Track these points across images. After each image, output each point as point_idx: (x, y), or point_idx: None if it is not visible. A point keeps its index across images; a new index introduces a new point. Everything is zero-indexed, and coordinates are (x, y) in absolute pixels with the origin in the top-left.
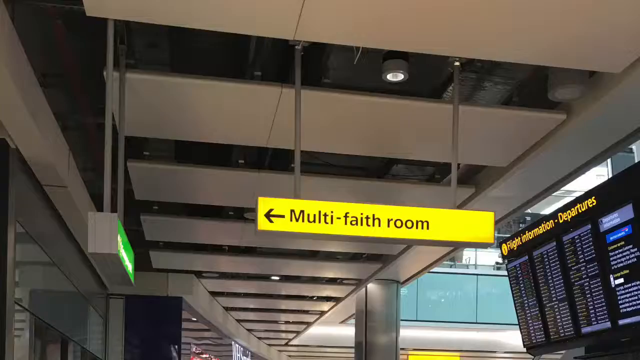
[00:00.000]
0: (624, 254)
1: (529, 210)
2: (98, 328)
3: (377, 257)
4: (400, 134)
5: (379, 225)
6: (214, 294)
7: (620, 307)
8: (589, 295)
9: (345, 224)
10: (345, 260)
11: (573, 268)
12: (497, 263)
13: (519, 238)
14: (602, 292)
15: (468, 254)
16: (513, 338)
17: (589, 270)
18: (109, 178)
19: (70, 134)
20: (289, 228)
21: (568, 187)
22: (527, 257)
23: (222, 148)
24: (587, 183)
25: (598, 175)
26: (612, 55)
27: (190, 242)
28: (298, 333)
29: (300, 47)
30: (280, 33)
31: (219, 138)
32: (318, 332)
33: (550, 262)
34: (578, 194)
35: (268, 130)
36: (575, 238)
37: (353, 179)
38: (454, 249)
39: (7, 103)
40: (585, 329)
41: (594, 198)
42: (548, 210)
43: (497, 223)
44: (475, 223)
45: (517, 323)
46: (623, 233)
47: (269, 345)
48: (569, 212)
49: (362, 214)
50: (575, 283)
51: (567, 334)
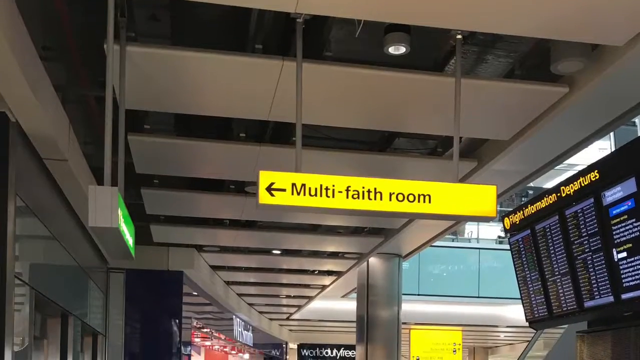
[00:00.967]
0: (627, 228)
1: (532, 184)
2: (98, 302)
3: (378, 231)
4: (402, 108)
5: (381, 199)
6: (215, 268)
7: (623, 281)
8: (592, 269)
9: (347, 198)
10: (347, 234)
11: (576, 242)
12: (499, 237)
13: (522, 212)
14: (604, 266)
15: (470, 228)
16: (515, 312)
17: (592, 244)
18: (110, 151)
19: (71, 107)
20: (290, 202)
21: (571, 160)
22: (529, 231)
23: (223, 121)
24: (589, 156)
25: (601, 149)
26: (614, 28)
27: (191, 215)
28: (299, 307)
29: (302, 19)
30: (282, 6)
31: (220, 111)
32: (319, 306)
33: (553, 236)
34: (581, 168)
35: (269, 104)
36: (578, 212)
37: (355, 153)
38: (456, 223)
39: (6, 76)
40: (588, 303)
41: (597, 172)
42: (550, 184)
43: (499, 197)
44: (478, 197)
45: (519, 297)
46: (626, 207)
47: (270, 320)
48: (572, 185)
49: (363, 188)
50: (578, 257)
51: (569, 308)
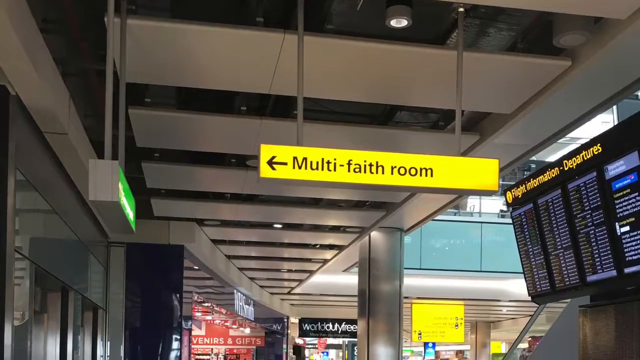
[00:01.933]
0: (630, 202)
1: (534, 158)
2: (99, 276)
3: (380, 204)
4: (404, 81)
5: (383, 173)
6: (216, 242)
7: (626, 255)
8: (595, 243)
9: (349, 172)
10: (349, 208)
11: (578, 216)
12: (501, 211)
13: (524, 186)
14: (607, 240)
15: (472, 202)
16: (517, 286)
17: (595, 218)
18: (110, 125)
19: (71, 81)
20: (292, 175)
21: (573, 134)
22: (531, 204)
23: (224, 95)
24: (592, 130)
25: (603, 122)
26: (617, 1)
27: (192, 189)
28: (301, 281)
29: None
30: None
31: (221, 84)
32: (321, 280)
33: (556, 209)
34: (583, 141)
35: (270, 77)
36: (581, 185)
37: (356, 126)
38: (458, 197)
39: (6, 49)
40: (591, 278)
41: (600, 145)
42: (553, 158)
43: (501, 170)
44: (480, 170)
45: (521, 271)
46: (629, 181)
47: (272, 294)
48: (574, 159)
49: (365, 161)
50: (581, 231)
51: (572, 283)
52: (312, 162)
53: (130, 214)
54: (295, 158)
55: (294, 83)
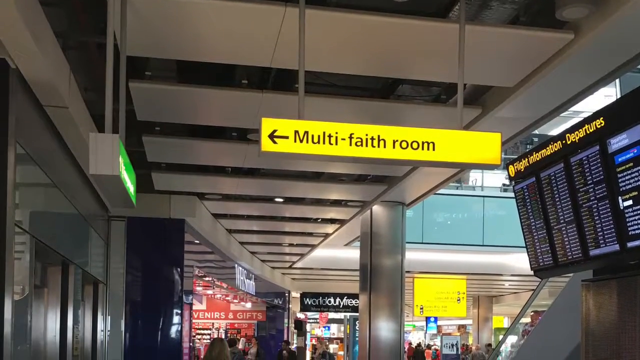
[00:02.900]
0: (633, 176)
1: (537, 131)
2: (99, 250)
3: (382, 178)
4: (406, 54)
5: (384, 147)
6: (217, 216)
7: (629, 229)
8: (597, 218)
9: (350, 145)
10: (350, 182)
11: (581, 190)
12: (503, 185)
13: (526, 159)
14: (610, 214)
15: (474, 176)
16: (520, 260)
17: (597, 192)
18: (111, 98)
19: (71, 54)
20: (293, 149)
21: (576, 107)
22: (534, 178)
23: (225, 68)
24: (595, 103)
25: (606, 96)
26: None
27: (193, 163)
28: (302, 256)
29: None
30: None
31: (222, 58)
32: (322, 254)
33: (558, 183)
34: (586, 115)
35: (272, 50)
36: (583, 159)
37: (358, 100)
38: (460, 171)
39: (7, 22)
40: (594, 252)
41: (602, 119)
42: (556, 131)
43: (504, 144)
44: (482, 144)
45: (524, 245)
46: (632, 154)
47: (273, 268)
48: (577, 133)
49: (367, 135)
50: (583, 205)
51: (574, 257)
52: (313, 135)
53: (131, 188)
54: (297, 132)
55: (296, 56)
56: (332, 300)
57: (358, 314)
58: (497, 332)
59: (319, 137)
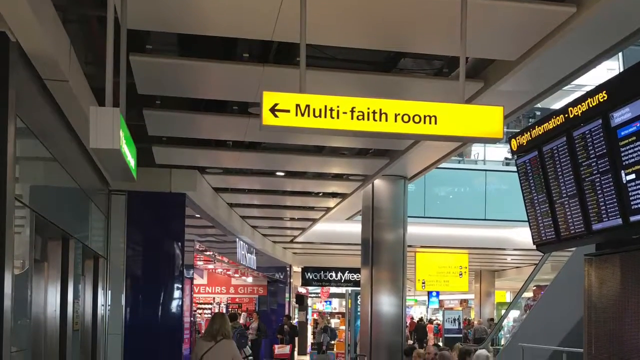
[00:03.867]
0: (636, 150)
1: (539, 105)
2: (100, 224)
3: (383, 152)
4: (408, 27)
5: (386, 120)
6: (218, 190)
7: (632, 203)
8: (600, 191)
9: (352, 119)
10: (352, 156)
11: (584, 164)
12: (506, 158)
13: (529, 133)
14: (613, 188)
15: (476, 150)
16: (522, 235)
17: (600, 166)
18: (111, 72)
19: (72, 27)
20: (294, 123)
21: (578, 81)
22: (536, 152)
23: (226, 41)
24: (597, 77)
25: (609, 70)
26: None
27: (194, 137)
28: (303, 230)
29: None
30: None
31: (223, 31)
32: (324, 228)
33: (561, 157)
34: (589, 88)
35: (273, 23)
36: (586, 133)
37: (359, 73)
38: (462, 144)
39: None
40: (596, 226)
41: (605, 92)
42: (558, 105)
43: (506, 118)
44: (484, 118)
45: (526, 220)
46: (634, 128)
47: (274, 243)
48: (580, 106)
49: (368, 109)
50: (586, 179)
51: (577, 231)
52: (314, 109)
53: (132, 162)
54: (298, 105)
55: (297, 29)
56: (333, 275)
57: (360, 289)
58: (499, 306)
59: (321, 110)
